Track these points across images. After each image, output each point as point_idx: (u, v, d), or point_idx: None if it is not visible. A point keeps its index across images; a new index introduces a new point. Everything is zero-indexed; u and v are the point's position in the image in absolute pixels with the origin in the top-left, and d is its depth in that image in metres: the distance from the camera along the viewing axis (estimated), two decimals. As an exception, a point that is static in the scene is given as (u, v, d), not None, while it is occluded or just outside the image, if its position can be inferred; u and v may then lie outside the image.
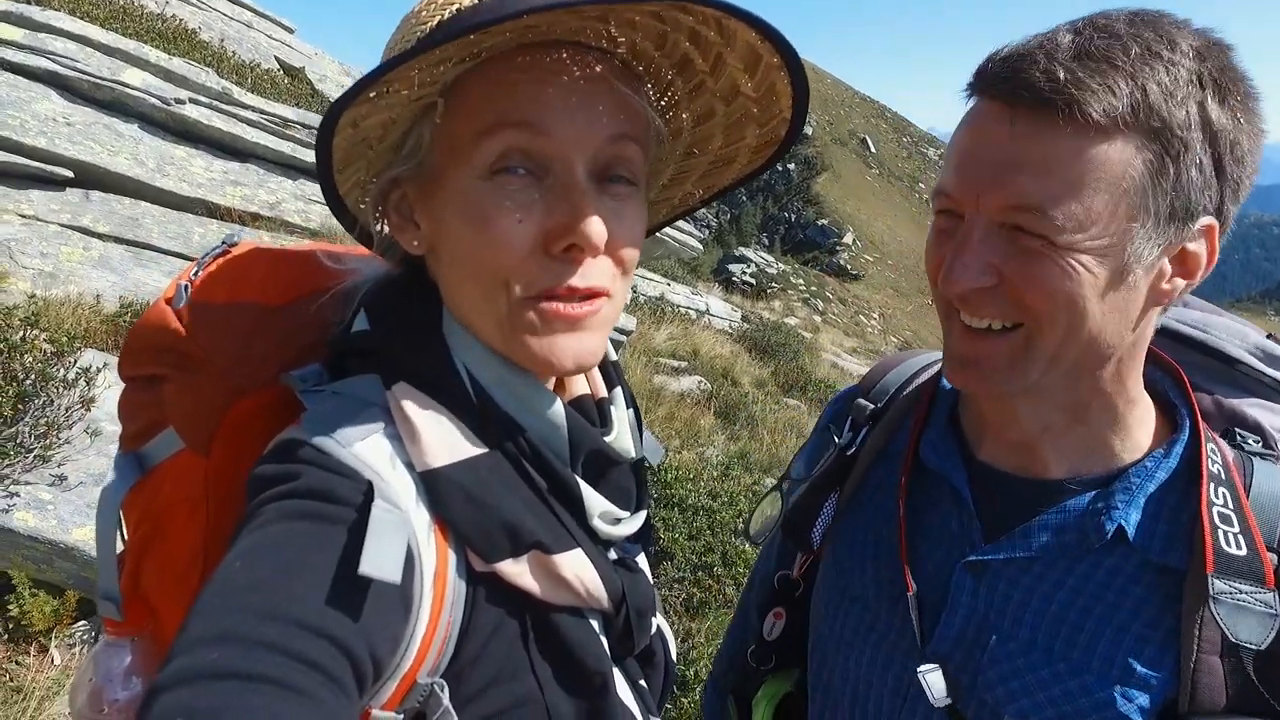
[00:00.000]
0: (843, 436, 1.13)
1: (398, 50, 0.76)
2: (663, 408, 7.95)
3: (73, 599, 3.27)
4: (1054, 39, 0.80)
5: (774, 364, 11.66)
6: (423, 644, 0.73)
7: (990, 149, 0.82)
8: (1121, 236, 0.80)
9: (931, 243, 0.91)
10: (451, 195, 0.78)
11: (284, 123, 8.89)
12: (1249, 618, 0.81)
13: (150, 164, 7.03)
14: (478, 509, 0.76)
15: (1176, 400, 0.96)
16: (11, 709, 2.91)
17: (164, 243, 6.31)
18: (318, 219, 7.73)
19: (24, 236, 5.51)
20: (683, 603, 4.29)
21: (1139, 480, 0.90)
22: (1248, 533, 0.85)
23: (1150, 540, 0.88)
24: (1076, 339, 0.84)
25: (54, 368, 3.50)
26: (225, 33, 12.10)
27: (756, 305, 20.31)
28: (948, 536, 0.99)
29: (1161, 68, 0.78)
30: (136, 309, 5.10)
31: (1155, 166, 0.79)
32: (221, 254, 0.96)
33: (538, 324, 0.78)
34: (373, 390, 0.81)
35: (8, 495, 3.24)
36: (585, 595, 0.83)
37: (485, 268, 0.77)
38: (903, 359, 1.22)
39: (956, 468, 1.00)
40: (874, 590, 1.03)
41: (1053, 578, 0.91)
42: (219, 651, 0.58)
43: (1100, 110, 0.76)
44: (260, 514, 0.69)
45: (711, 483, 5.43)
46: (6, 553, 3.20)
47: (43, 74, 6.96)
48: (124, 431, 0.96)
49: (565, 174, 0.76)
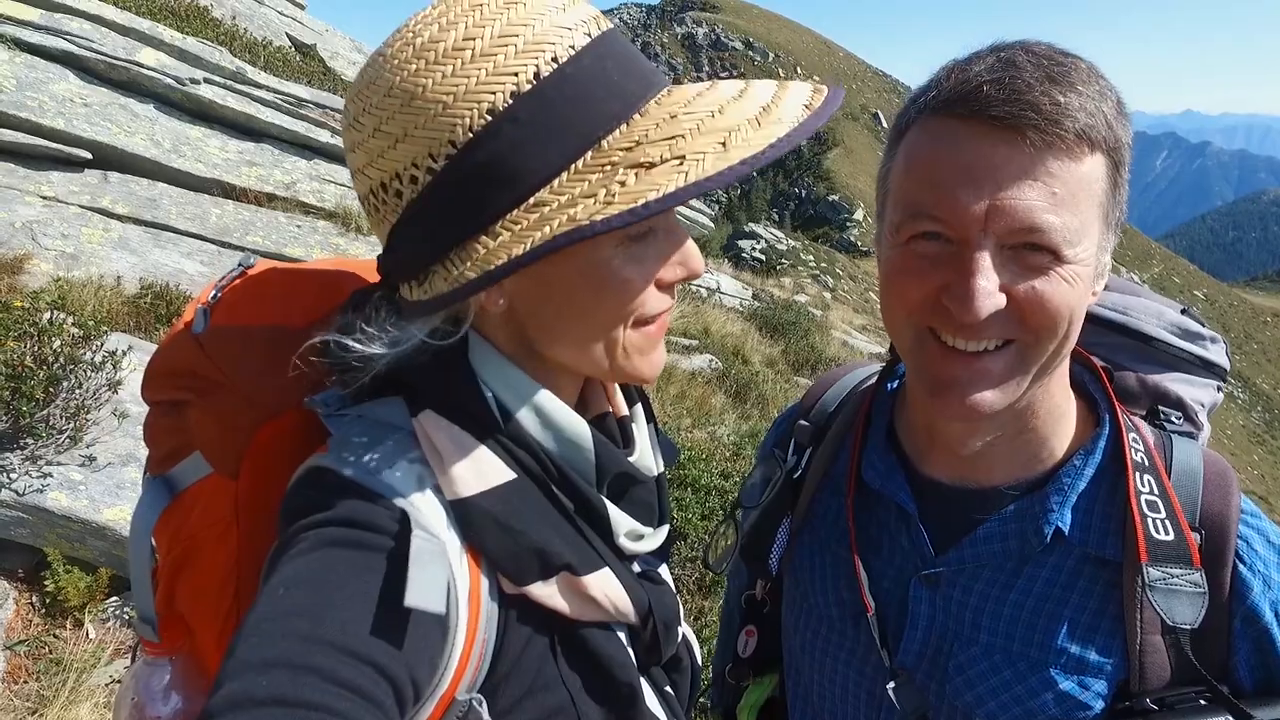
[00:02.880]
0: (788, 461, 1.15)
1: (476, 114, 0.70)
2: (674, 386, 7.99)
3: (105, 575, 3.37)
4: (1012, 59, 0.82)
5: (784, 342, 11.65)
6: (460, 663, 0.74)
7: (993, 170, 0.80)
8: (1099, 247, 0.86)
9: (907, 270, 0.87)
10: (584, 266, 0.78)
11: (298, 102, 8.91)
12: (1181, 600, 0.86)
13: (166, 144, 7.07)
14: (508, 535, 0.78)
15: (1095, 393, 0.99)
16: (53, 679, 3.02)
17: (181, 224, 6.37)
18: (333, 199, 7.77)
19: (45, 218, 5.59)
20: (695, 582, 4.37)
21: (1069, 480, 0.94)
22: (1173, 516, 0.90)
23: (1086, 535, 0.93)
24: (1063, 349, 0.88)
25: (81, 351, 3.58)
26: (236, 9, 12.06)
27: (766, 282, 20.24)
28: (899, 552, 1.02)
29: (1108, 90, 0.84)
30: (156, 290, 5.18)
31: (1112, 180, 0.85)
32: (239, 276, 0.96)
33: (643, 345, 0.84)
34: (397, 414, 0.81)
35: (41, 475, 3.34)
36: (613, 611, 0.85)
37: (618, 316, 0.81)
38: (839, 375, 1.24)
39: (900, 486, 1.02)
40: (836, 610, 1.06)
41: (1002, 580, 0.95)
42: (268, 678, 0.60)
43: (1080, 128, 0.80)
44: (298, 541, 0.70)
45: (724, 463, 5.50)
46: (42, 531, 3.30)
47: (59, 54, 6.98)
48: (151, 455, 0.96)
49: (673, 224, 0.83)
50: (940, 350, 0.87)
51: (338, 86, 11.16)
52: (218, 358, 0.88)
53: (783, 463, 1.16)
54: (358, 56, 13.64)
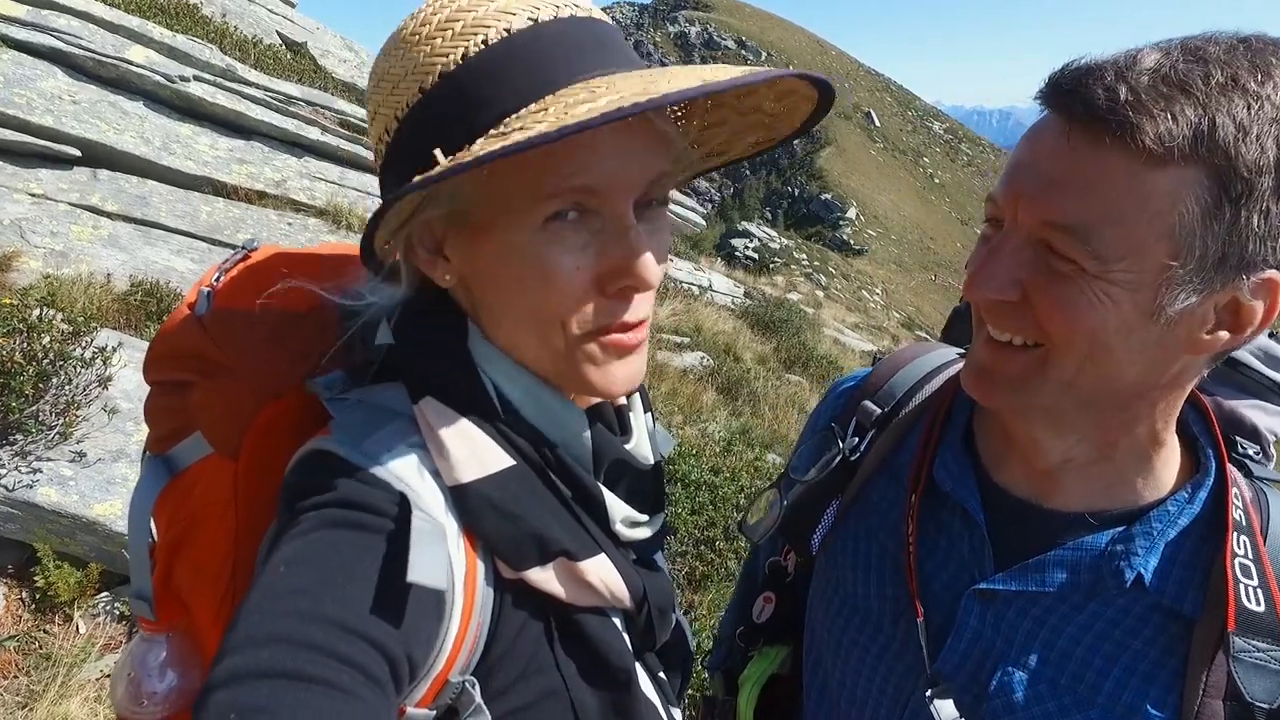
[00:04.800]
0: (847, 441, 1.09)
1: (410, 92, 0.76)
2: (666, 384, 8.02)
3: (95, 571, 3.37)
4: (1136, 55, 0.73)
5: (776, 340, 11.69)
6: (454, 645, 0.75)
7: (1039, 161, 0.77)
8: (1157, 274, 0.73)
9: (975, 249, 0.87)
10: (501, 247, 0.77)
11: (288, 100, 8.89)
12: (1265, 677, 0.81)
13: (156, 142, 7.06)
14: (506, 521, 0.78)
15: (1202, 437, 0.92)
16: (43, 674, 3.02)
17: (172, 221, 6.37)
18: (323, 196, 7.77)
19: (34, 215, 5.58)
20: (685, 576, 4.39)
21: (1160, 525, 0.87)
22: (1266, 586, 0.84)
23: (1164, 584, 0.86)
24: (1095, 371, 0.80)
25: (71, 347, 3.58)
26: (227, 7, 12.03)
27: (759, 280, 20.29)
28: (957, 559, 0.96)
29: (1241, 100, 0.69)
30: (146, 287, 5.18)
31: (1209, 206, 0.71)
32: (242, 259, 0.97)
33: (597, 356, 0.81)
34: (398, 400, 0.82)
35: (31, 471, 3.34)
36: (609, 596, 0.85)
37: (542, 312, 0.78)
38: (911, 357, 1.16)
39: (972, 493, 0.96)
40: (877, 605, 1.01)
41: (1062, 611, 0.89)
42: (269, 651, 0.61)
43: (1154, 136, 0.69)
44: (300, 522, 0.71)
45: (714, 458, 5.52)
46: (31, 527, 3.30)
47: (47, 51, 6.96)
48: (151, 435, 0.96)
49: (616, 218, 0.77)
50: (985, 335, 0.86)
51: (328, 84, 11.14)
52: (221, 340, 0.89)
53: (842, 440, 1.09)
54: (348, 54, 13.62)
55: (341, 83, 11.91)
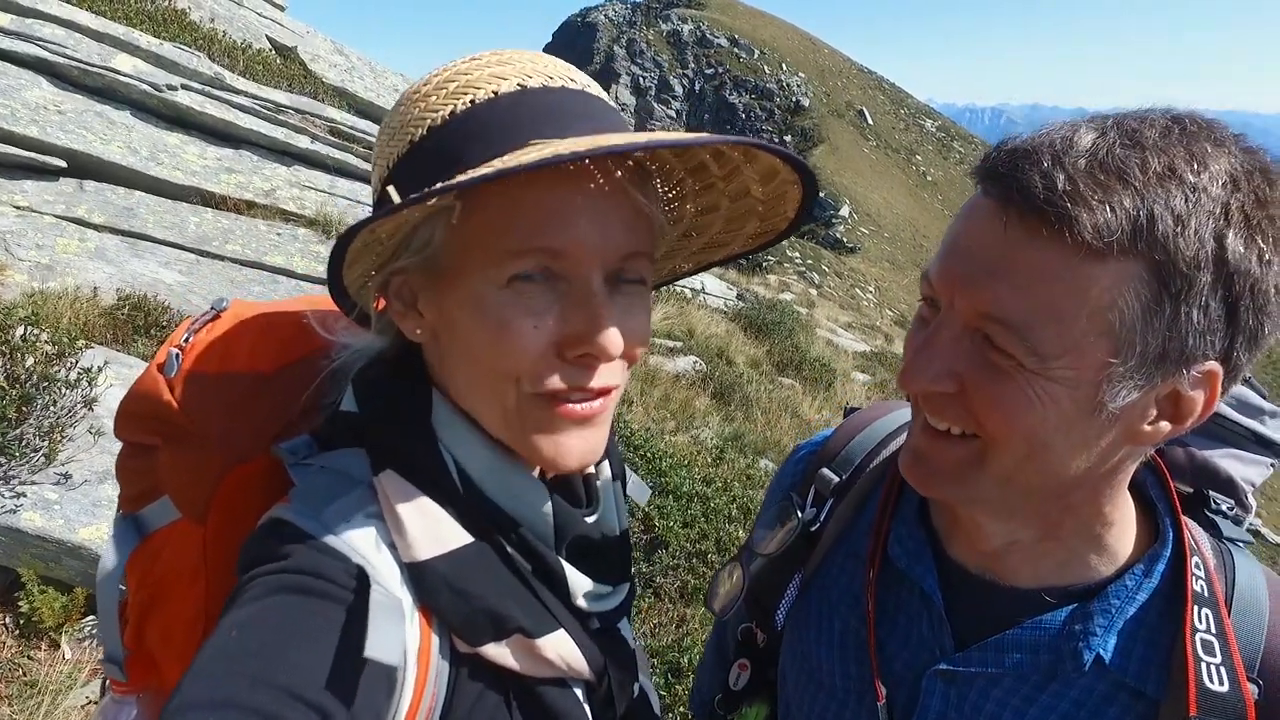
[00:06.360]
0: (806, 511, 1.07)
1: (403, 144, 0.79)
2: (658, 389, 8.01)
3: (81, 595, 3.34)
4: (1072, 137, 0.71)
5: (769, 342, 11.70)
6: (406, 718, 0.75)
7: (976, 248, 0.75)
8: (1097, 371, 0.72)
9: (910, 329, 0.85)
10: (466, 297, 0.77)
11: (277, 108, 8.84)
12: None
13: (143, 152, 7.00)
14: (462, 600, 0.78)
15: (1160, 503, 0.89)
16: (27, 703, 2.99)
17: (159, 233, 6.32)
18: (313, 206, 7.73)
19: (19, 228, 5.52)
20: (677, 589, 4.38)
21: (1118, 602, 0.85)
22: (1229, 663, 0.80)
23: (1126, 662, 0.84)
24: (1034, 467, 0.78)
25: (55, 369, 3.54)
26: (215, 11, 11.95)
27: (752, 280, 20.32)
28: (917, 637, 0.95)
29: (1179, 192, 0.68)
30: (134, 301, 5.13)
31: (1148, 302, 0.69)
32: (212, 319, 0.97)
33: (546, 421, 0.79)
34: (358, 466, 0.82)
35: (15, 496, 3.31)
36: (567, 670, 0.85)
37: (497, 367, 0.77)
38: (869, 420, 1.15)
39: (928, 570, 0.95)
40: (841, 683, 1.00)
41: (1025, 693, 0.87)
42: (216, 716, 0.61)
43: (1093, 229, 0.67)
44: (251, 587, 0.71)
45: (706, 469, 5.52)
46: (15, 552, 3.26)
47: (31, 60, 6.90)
48: (123, 494, 0.96)
49: (582, 283, 0.77)
50: (922, 420, 0.85)
51: (318, 89, 11.08)
52: (188, 405, 0.89)
53: (801, 511, 1.07)
54: (338, 59, 13.55)
55: (331, 87, 11.85)
